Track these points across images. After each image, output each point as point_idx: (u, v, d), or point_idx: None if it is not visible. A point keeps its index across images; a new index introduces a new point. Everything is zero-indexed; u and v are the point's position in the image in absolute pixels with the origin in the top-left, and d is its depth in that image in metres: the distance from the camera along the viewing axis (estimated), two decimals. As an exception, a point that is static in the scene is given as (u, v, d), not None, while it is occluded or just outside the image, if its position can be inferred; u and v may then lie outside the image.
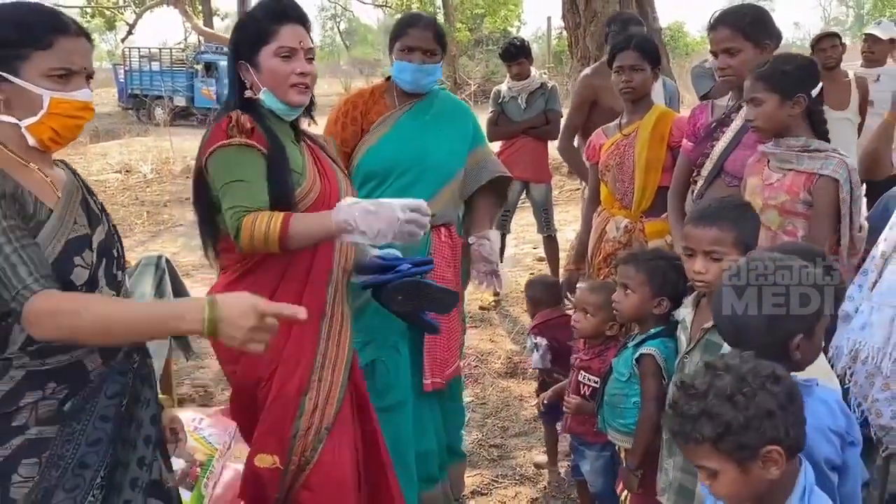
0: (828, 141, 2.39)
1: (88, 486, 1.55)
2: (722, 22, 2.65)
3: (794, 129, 2.35)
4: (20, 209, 1.47)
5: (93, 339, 1.49)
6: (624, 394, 2.38)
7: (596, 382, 2.57)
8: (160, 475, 1.75)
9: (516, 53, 5.32)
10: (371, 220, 1.86)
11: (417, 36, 2.67)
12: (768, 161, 2.41)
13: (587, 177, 3.56)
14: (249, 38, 2.06)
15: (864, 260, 2.31)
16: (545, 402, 2.98)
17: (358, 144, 2.65)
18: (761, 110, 2.35)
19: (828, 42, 4.64)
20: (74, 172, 1.68)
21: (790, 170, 2.33)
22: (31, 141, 1.53)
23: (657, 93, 4.80)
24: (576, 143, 4.44)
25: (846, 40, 5.11)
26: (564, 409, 2.71)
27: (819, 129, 2.39)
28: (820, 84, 2.35)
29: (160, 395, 1.90)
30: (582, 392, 2.63)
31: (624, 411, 2.38)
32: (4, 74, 1.48)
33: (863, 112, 4.61)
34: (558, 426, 3.00)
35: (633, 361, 2.33)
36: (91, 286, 1.58)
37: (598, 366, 2.59)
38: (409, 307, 2.25)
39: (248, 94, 2.07)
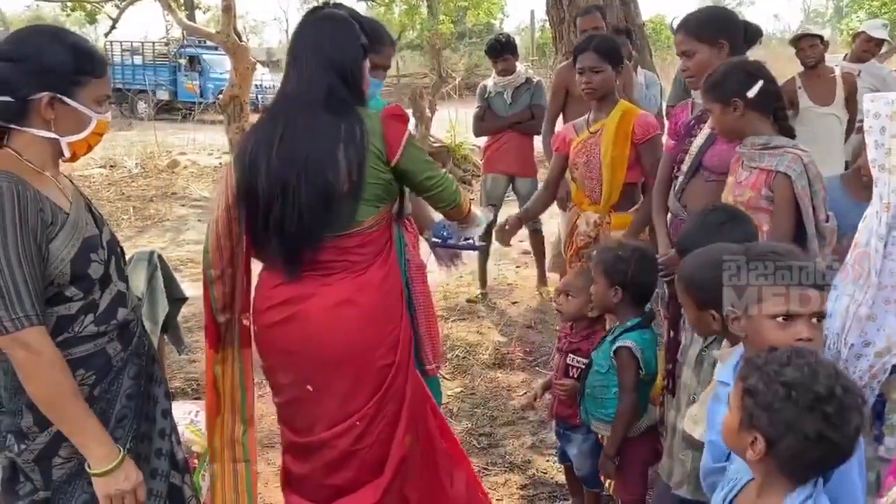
0: (792, 137, 2.48)
1: None
2: (679, 27, 2.85)
3: (752, 129, 2.44)
4: (40, 218, 1.62)
5: (34, 391, 1.63)
6: (604, 385, 2.47)
7: (584, 364, 2.66)
8: (174, 446, 1.97)
9: (501, 50, 5.37)
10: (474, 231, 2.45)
11: (387, 55, 2.76)
12: (742, 160, 2.51)
13: None
14: None
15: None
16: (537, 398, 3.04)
17: None
18: (713, 118, 2.52)
19: (806, 42, 4.73)
20: (72, 182, 1.83)
21: (755, 167, 2.42)
22: (67, 153, 1.73)
23: (638, 86, 4.92)
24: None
25: (825, 31, 5.20)
26: (556, 391, 2.77)
27: (781, 125, 2.48)
28: (758, 83, 2.40)
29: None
30: (571, 374, 2.72)
31: (605, 401, 2.47)
32: (63, 98, 1.66)
33: (850, 107, 4.71)
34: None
35: (612, 354, 2.42)
36: (105, 280, 1.76)
37: (587, 347, 2.68)
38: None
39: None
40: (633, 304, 2.44)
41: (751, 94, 2.39)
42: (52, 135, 1.68)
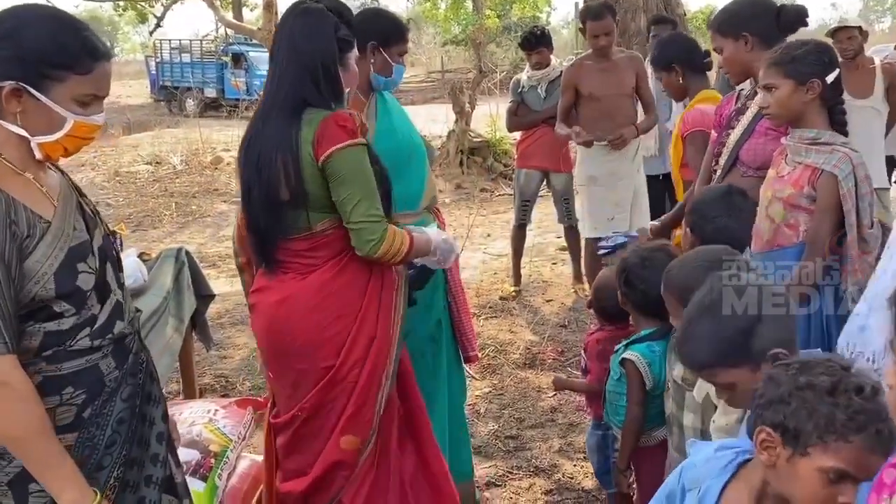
0: (845, 134, 2.34)
1: (102, 487, 1.58)
2: (709, 24, 2.84)
3: (808, 117, 2.30)
4: (12, 233, 1.44)
5: (4, 426, 1.45)
6: (618, 392, 2.39)
7: (585, 362, 2.68)
8: (171, 471, 1.80)
9: (536, 43, 5.28)
10: (448, 255, 2.35)
11: (409, 41, 2.79)
12: (786, 153, 2.38)
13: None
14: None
15: None
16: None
17: None
18: (775, 96, 2.31)
19: (844, 34, 4.55)
20: (63, 173, 1.66)
21: (800, 163, 2.29)
22: (39, 155, 1.52)
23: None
24: None
25: (885, 21, 4.97)
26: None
27: (836, 120, 2.34)
28: (836, 70, 2.30)
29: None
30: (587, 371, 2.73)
31: (619, 408, 2.39)
32: (31, 90, 1.45)
33: (891, 99, 4.51)
34: None
35: (619, 364, 2.35)
36: (103, 291, 1.59)
37: (594, 348, 2.68)
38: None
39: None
40: (644, 313, 2.32)
41: (830, 78, 2.27)
42: (21, 131, 1.48)
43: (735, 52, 2.66)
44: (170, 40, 23.19)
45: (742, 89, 2.99)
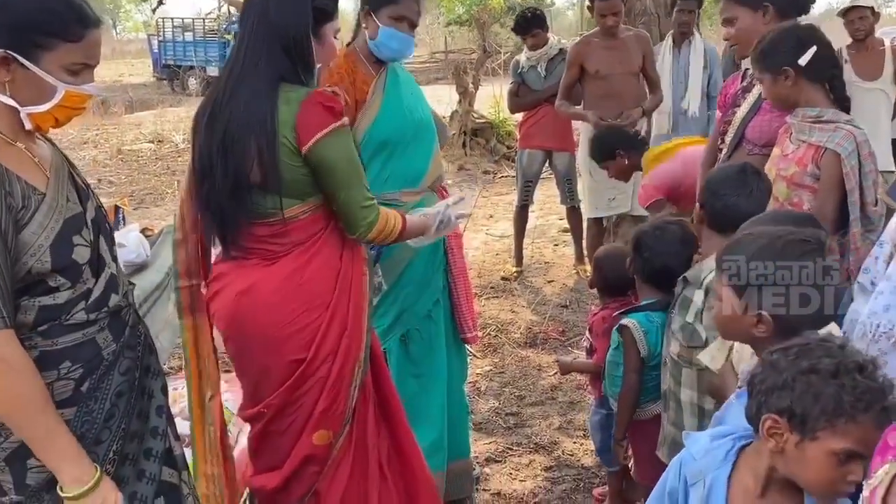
0: (847, 110, 2.33)
1: (101, 461, 1.56)
2: None
3: (806, 99, 2.30)
4: (7, 205, 1.41)
5: (3, 402, 1.43)
6: (616, 362, 2.42)
7: (589, 342, 2.68)
8: (170, 443, 1.78)
9: (528, 25, 5.25)
10: (443, 230, 2.27)
11: (409, 6, 2.58)
12: (791, 132, 2.38)
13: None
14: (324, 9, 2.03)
15: None
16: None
17: (359, 114, 2.63)
18: (764, 89, 2.40)
19: (855, 14, 4.50)
20: (54, 145, 1.61)
21: (804, 141, 2.29)
22: (29, 126, 1.48)
23: (697, 53, 4.80)
24: None
25: (893, 5, 4.94)
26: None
27: (837, 96, 2.33)
28: (810, 49, 2.27)
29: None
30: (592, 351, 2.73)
31: (615, 379, 2.42)
32: (21, 59, 1.41)
33: None
34: None
35: (617, 331, 2.38)
36: (98, 264, 1.56)
37: (599, 327, 2.68)
38: None
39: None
40: (650, 283, 2.34)
41: (802, 61, 2.26)
42: (10, 101, 1.44)
43: (752, 22, 2.59)
44: (172, 19, 23.01)
45: (748, 68, 2.97)
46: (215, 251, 2.16)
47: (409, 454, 2.28)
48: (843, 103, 2.34)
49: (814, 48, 2.27)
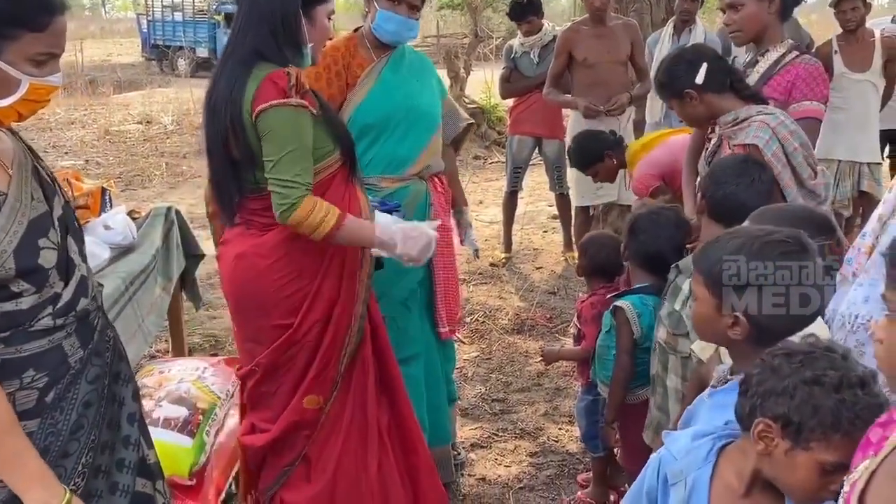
0: (761, 101, 2.40)
1: (69, 475, 1.49)
2: None
3: (718, 110, 2.41)
4: None
5: None
6: (607, 345, 2.44)
7: (577, 328, 2.68)
8: (143, 452, 1.71)
9: (523, 12, 5.23)
10: (410, 244, 2.11)
11: None
12: (727, 141, 2.45)
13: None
14: None
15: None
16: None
17: (347, 98, 2.62)
18: (678, 114, 2.58)
19: (847, 4, 4.49)
20: (16, 135, 1.51)
21: (737, 145, 2.36)
22: None
23: (698, 41, 4.79)
24: None
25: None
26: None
27: (745, 95, 2.41)
28: (702, 67, 2.36)
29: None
30: (580, 337, 2.73)
31: (606, 363, 2.44)
32: None
33: (889, 73, 4.49)
34: None
35: (610, 313, 2.40)
36: (67, 269, 1.48)
37: (588, 313, 2.68)
38: None
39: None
40: (643, 268, 2.37)
41: (699, 79, 2.36)
42: None
43: (758, 10, 2.57)
44: (161, -2, 22.82)
45: (736, 56, 2.97)
46: None
47: (409, 428, 2.38)
48: (755, 97, 2.41)
49: (705, 64, 2.37)
